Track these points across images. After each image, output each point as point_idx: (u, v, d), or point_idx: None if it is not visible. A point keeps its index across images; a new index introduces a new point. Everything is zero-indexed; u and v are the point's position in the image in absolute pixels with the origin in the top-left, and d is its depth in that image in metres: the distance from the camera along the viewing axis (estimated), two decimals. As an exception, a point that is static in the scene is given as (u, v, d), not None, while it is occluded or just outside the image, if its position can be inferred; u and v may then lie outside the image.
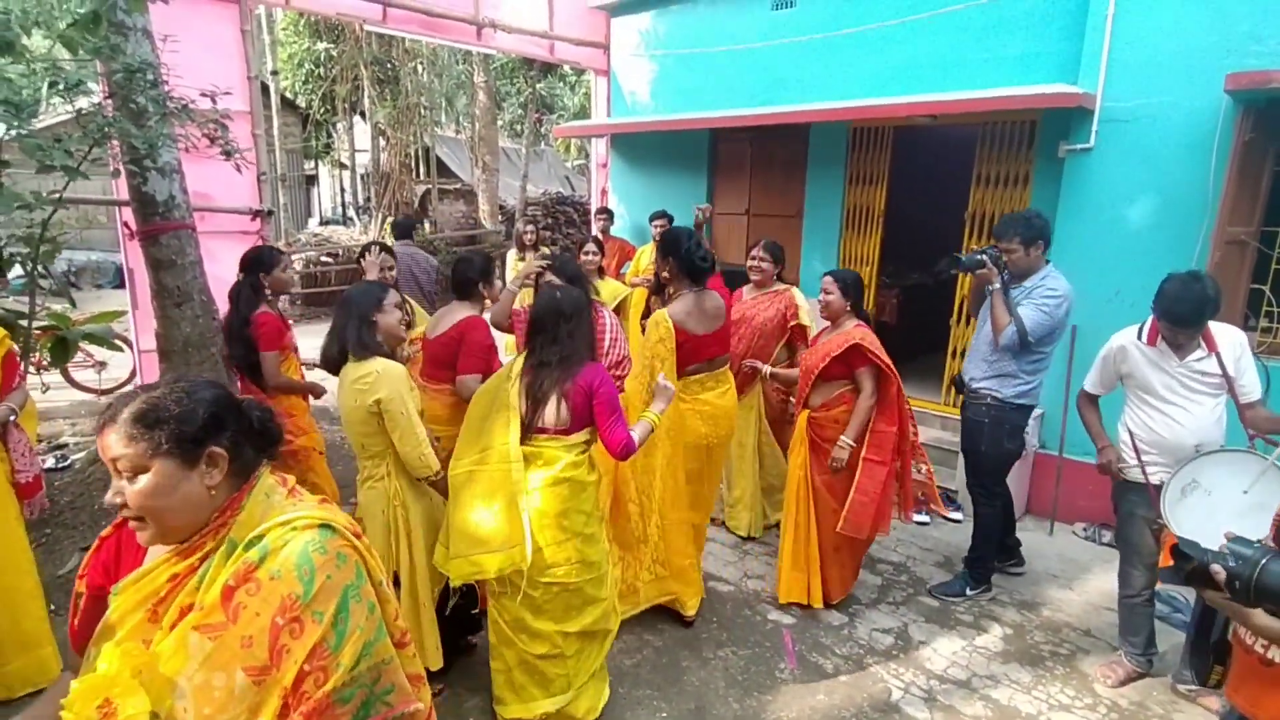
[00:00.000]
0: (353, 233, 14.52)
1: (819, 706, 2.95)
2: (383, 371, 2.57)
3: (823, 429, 3.51)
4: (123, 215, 5.04)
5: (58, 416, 6.18)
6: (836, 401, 3.48)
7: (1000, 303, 3.42)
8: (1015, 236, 3.40)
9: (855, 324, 3.49)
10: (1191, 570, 1.55)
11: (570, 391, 2.53)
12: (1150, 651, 3.13)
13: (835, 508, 3.47)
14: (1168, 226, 4.08)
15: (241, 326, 3.45)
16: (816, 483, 3.54)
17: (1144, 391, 2.94)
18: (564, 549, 2.55)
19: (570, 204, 15.28)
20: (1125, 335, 3.01)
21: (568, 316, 2.60)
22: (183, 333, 4.66)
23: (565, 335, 2.58)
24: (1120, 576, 3.15)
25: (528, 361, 2.61)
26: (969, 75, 4.90)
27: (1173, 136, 4.04)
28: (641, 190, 7.21)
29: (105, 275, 13.58)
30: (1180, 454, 2.75)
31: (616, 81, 7.35)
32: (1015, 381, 3.48)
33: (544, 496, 2.53)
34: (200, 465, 1.20)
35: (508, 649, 2.66)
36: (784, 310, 4.08)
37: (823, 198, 5.86)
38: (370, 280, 2.95)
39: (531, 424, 2.55)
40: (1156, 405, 2.90)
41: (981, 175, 4.96)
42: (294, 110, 17.10)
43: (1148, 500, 2.91)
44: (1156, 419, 2.90)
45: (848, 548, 3.59)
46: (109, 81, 4.03)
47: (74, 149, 3.53)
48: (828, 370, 3.44)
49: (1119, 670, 3.13)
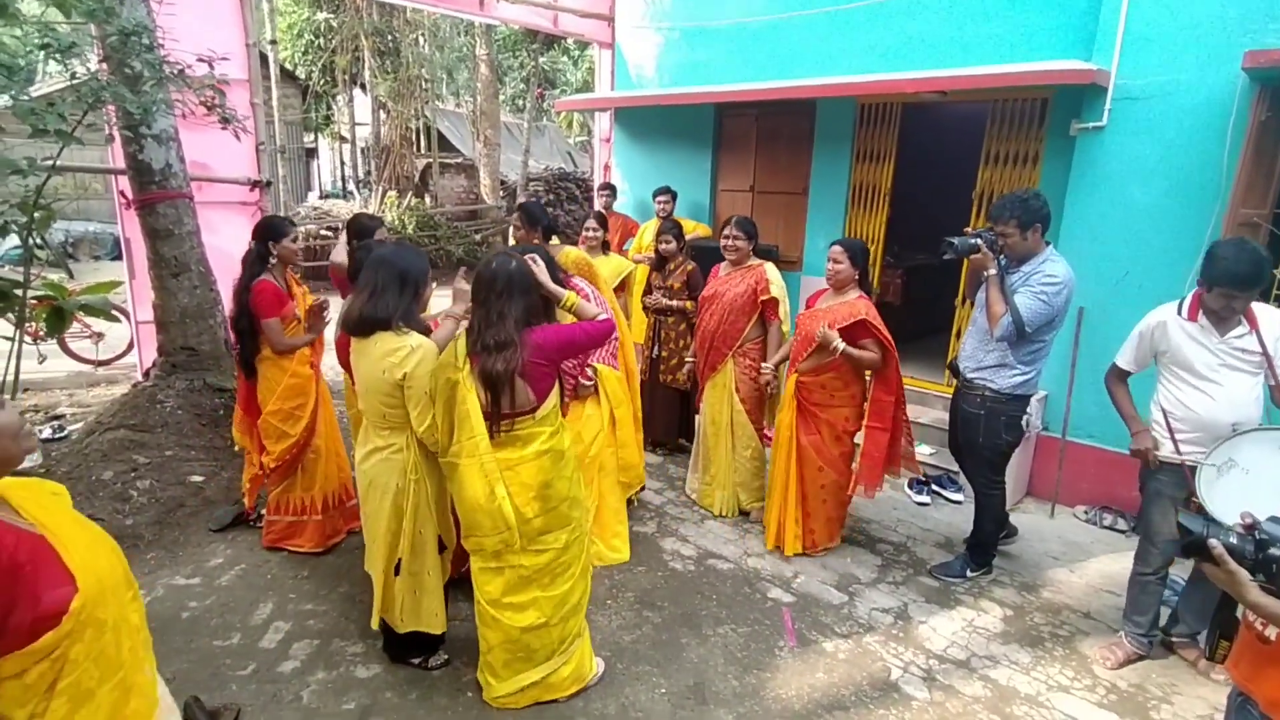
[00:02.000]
0: (353, 206, 14.41)
1: (818, 684, 2.95)
2: (419, 347, 2.54)
3: (810, 393, 3.73)
4: (119, 184, 4.98)
5: (55, 387, 6.16)
6: (826, 368, 3.67)
7: (996, 290, 3.29)
8: (1012, 219, 3.23)
9: (858, 294, 3.61)
10: (1189, 543, 1.55)
11: (527, 371, 2.41)
12: (1152, 634, 3.12)
13: (820, 465, 3.76)
14: (1179, 207, 4.02)
15: (243, 292, 3.50)
16: (803, 442, 3.77)
17: (1181, 369, 2.86)
18: (554, 516, 2.55)
19: (572, 180, 15.17)
20: (1165, 311, 2.93)
21: (499, 291, 2.44)
22: (180, 303, 4.64)
23: (496, 315, 2.42)
24: (1138, 554, 3.12)
25: (469, 342, 2.48)
26: (980, 51, 4.80)
27: (1187, 115, 3.96)
28: (645, 166, 7.13)
29: (103, 246, 13.49)
30: (1216, 432, 2.69)
31: (621, 54, 7.23)
32: (1011, 372, 3.36)
33: (527, 471, 2.50)
34: None
35: (490, 629, 2.65)
36: (754, 285, 4.03)
37: (828, 175, 5.79)
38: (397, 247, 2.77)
39: (497, 412, 2.45)
40: (1194, 383, 2.82)
41: (991, 154, 4.88)
42: (294, 81, 16.90)
43: (1178, 480, 2.85)
44: (1194, 397, 2.82)
45: (833, 500, 3.85)
46: (103, 45, 3.95)
47: (68, 113, 3.47)
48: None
49: (1118, 652, 3.12)
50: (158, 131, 4.30)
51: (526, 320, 2.48)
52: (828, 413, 3.74)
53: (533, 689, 2.71)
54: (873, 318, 3.51)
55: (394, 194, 13.36)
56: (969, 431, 3.58)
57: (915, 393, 5.42)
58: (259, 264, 3.53)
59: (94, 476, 4.05)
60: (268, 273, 3.54)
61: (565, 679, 2.76)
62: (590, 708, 2.77)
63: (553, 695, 2.76)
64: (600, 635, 3.15)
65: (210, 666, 2.93)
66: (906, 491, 4.71)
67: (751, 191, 6.44)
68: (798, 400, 3.75)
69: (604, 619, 3.30)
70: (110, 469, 4.11)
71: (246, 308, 3.49)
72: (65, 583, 1.41)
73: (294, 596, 3.42)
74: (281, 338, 3.55)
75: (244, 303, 3.50)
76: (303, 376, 3.64)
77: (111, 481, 4.04)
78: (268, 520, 3.79)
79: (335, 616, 3.26)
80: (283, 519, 3.75)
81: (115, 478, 4.06)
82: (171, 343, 4.76)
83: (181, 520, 3.96)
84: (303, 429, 3.63)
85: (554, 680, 2.73)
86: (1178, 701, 2.91)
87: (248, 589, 3.47)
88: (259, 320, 3.49)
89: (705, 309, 4.22)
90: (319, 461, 3.74)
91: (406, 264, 2.63)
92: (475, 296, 2.49)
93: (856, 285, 3.64)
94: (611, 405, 3.71)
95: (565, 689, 2.78)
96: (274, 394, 3.58)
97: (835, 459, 3.80)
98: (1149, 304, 4.14)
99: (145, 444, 4.32)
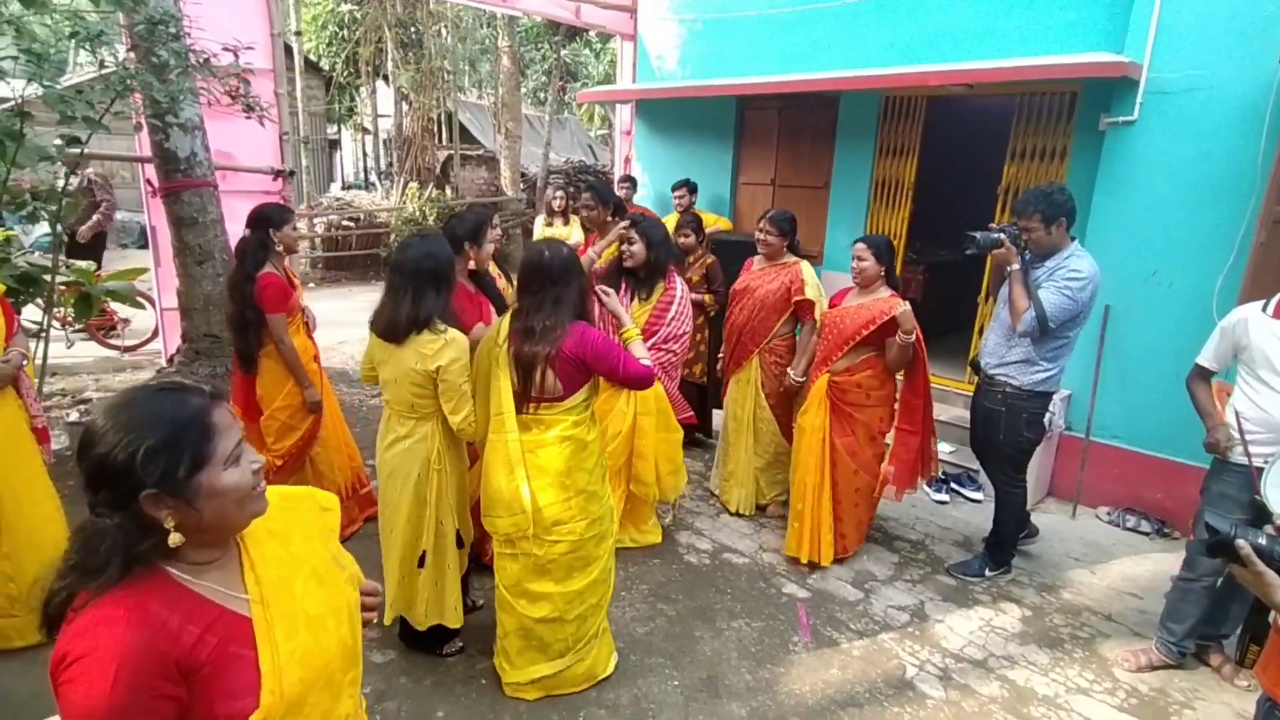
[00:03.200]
0: (374, 198, 14.51)
1: (832, 680, 2.93)
2: (453, 341, 2.55)
3: (845, 393, 3.59)
4: (145, 173, 5.04)
5: (82, 372, 6.26)
6: (862, 366, 3.57)
7: (1019, 286, 3.24)
8: (1036, 214, 3.18)
9: (889, 292, 3.54)
10: (1216, 543, 1.51)
11: (557, 361, 2.43)
12: (1184, 645, 3.01)
13: (855, 469, 3.63)
14: (1211, 205, 3.93)
15: (245, 283, 3.32)
16: (837, 444, 3.62)
17: (1259, 367, 2.76)
18: (569, 506, 2.54)
19: (592, 172, 15.14)
20: (1249, 308, 2.83)
21: (554, 279, 2.46)
22: (204, 290, 4.69)
23: (550, 301, 2.44)
24: (1186, 559, 3.02)
25: (514, 324, 2.50)
26: (1007, 43, 4.72)
27: (1221, 110, 3.87)
28: (666, 159, 7.10)
29: (131, 235, 13.66)
30: None
31: (643, 46, 7.20)
32: (1034, 369, 3.31)
33: (547, 456, 2.51)
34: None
35: (506, 615, 2.66)
36: (788, 284, 3.96)
37: (851, 169, 5.73)
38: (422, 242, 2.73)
39: (525, 393, 2.48)
40: (1270, 383, 2.72)
41: (1017, 149, 4.81)
42: (318, 73, 17.02)
43: (1242, 483, 2.76)
44: (1270, 398, 2.71)
45: (864, 503, 3.76)
46: (131, 34, 4.00)
47: (96, 101, 3.51)
48: (865, 338, 3.49)
49: (1143, 657, 3.06)
50: (183, 120, 4.35)
51: (574, 312, 2.50)
52: (864, 413, 3.61)
53: (545, 681, 2.72)
54: (910, 318, 3.36)
55: (415, 185, 13.40)
56: (990, 429, 3.53)
57: (937, 390, 5.32)
58: (260, 253, 3.35)
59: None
60: (271, 264, 3.38)
61: (578, 676, 2.77)
62: (603, 698, 2.78)
63: (565, 689, 2.77)
64: (614, 626, 3.15)
65: (229, 649, 2.96)
66: (925, 489, 4.66)
67: (773, 185, 6.40)
68: (831, 401, 3.61)
69: (618, 610, 3.30)
70: (134, 453, 4.16)
71: (250, 300, 3.31)
72: (246, 693, 1.10)
73: (312, 582, 3.45)
74: (286, 336, 3.41)
75: (247, 295, 3.31)
76: (309, 371, 3.59)
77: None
78: None
79: (352, 602, 3.28)
80: None
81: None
82: (195, 329, 4.82)
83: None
84: (310, 422, 3.59)
85: (566, 676, 2.74)
86: (1200, 708, 2.86)
87: (267, 573, 3.50)
88: (264, 314, 3.34)
89: (735, 303, 4.16)
90: (326, 454, 3.72)
91: (436, 261, 2.60)
92: (526, 284, 2.50)
93: (884, 282, 3.56)
94: (637, 410, 3.59)
95: (577, 685, 2.78)
96: (281, 389, 3.48)
97: (869, 460, 3.68)
98: (1178, 303, 4.09)
99: (168, 429, 4.37)
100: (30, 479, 2.81)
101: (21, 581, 2.81)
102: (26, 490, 2.80)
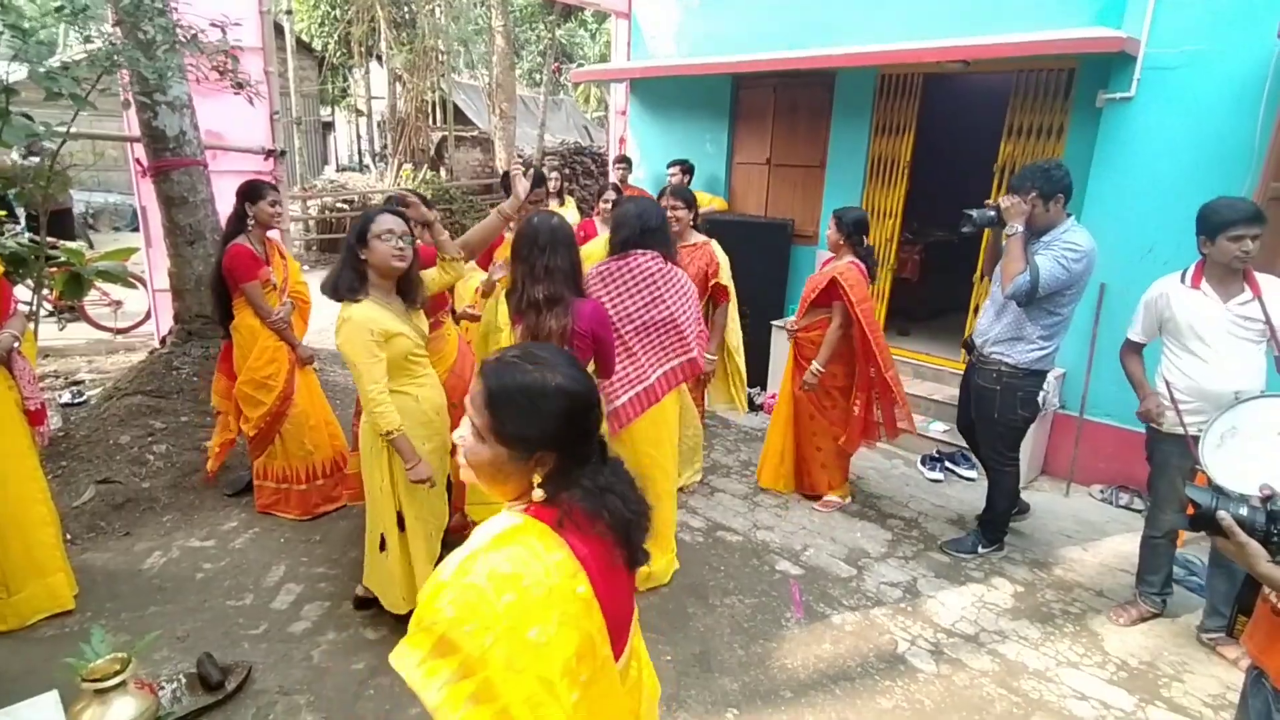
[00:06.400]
0: (368, 180, 14.42)
1: (824, 655, 2.95)
2: (349, 319, 2.48)
3: (802, 348, 4.07)
4: (134, 153, 4.99)
5: (74, 354, 6.23)
6: (815, 326, 3.99)
7: (1018, 249, 3.23)
8: (1033, 190, 3.19)
9: (849, 260, 3.85)
10: (1198, 516, 1.52)
11: (573, 336, 2.44)
12: (1165, 592, 3.18)
13: (813, 413, 4.09)
14: (1208, 181, 3.90)
15: (220, 254, 3.54)
16: (797, 393, 4.10)
17: (1184, 337, 2.88)
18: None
19: (588, 154, 15.03)
20: (1168, 281, 2.96)
21: (542, 246, 2.44)
22: (195, 271, 4.66)
23: (542, 270, 2.42)
24: (1148, 519, 3.18)
25: (517, 302, 2.47)
26: (1004, 19, 4.66)
27: (1219, 85, 3.84)
28: (661, 139, 7.04)
29: (123, 218, 13.56)
30: (1219, 401, 2.65)
31: (637, 24, 7.11)
32: (1028, 346, 3.32)
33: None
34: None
35: None
36: (704, 267, 3.89)
37: (847, 148, 5.69)
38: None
39: None
40: (1196, 351, 2.85)
41: (1013, 126, 4.77)
42: (310, 54, 16.84)
43: (1182, 450, 2.87)
44: (1195, 366, 2.85)
45: (828, 451, 4.10)
46: (117, 9, 3.94)
47: (82, 78, 3.47)
48: (815, 299, 3.93)
49: (1132, 611, 3.19)
50: (172, 98, 4.30)
51: (569, 284, 2.47)
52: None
53: None
54: (845, 280, 3.72)
55: (409, 167, 13.32)
56: (983, 407, 3.53)
57: (932, 370, 5.37)
58: (236, 225, 3.55)
59: (112, 440, 4.10)
60: (244, 236, 3.53)
61: None
62: (596, 673, 2.79)
63: None
64: (608, 603, 3.16)
65: (223, 626, 2.97)
66: (919, 468, 4.67)
67: (768, 164, 6.35)
68: (794, 355, 4.12)
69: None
70: (128, 433, 4.16)
71: (220, 270, 3.52)
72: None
73: (306, 560, 3.46)
74: (264, 302, 3.56)
75: (219, 265, 3.53)
76: (274, 345, 3.62)
77: (129, 445, 4.09)
78: (257, 486, 3.82)
79: (346, 580, 3.29)
80: (268, 485, 3.79)
81: (132, 442, 4.11)
82: (187, 310, 4.79)
83: (197, 484, 4.01)
84: (275, 397, 3.61)
85: None
86: (1189, 680, 2.88)
87: (260, 551, 3.51)
88: (233, 285, 3.52)
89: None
90: (298, 432, 3.71)
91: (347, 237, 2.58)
92: (517, 253, 2.47)
93: (849, 250, 3.85)
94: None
95: None
96: (245, 360, 3.59)
97: (826, 409, 4.05)
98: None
99: (161, 409, 4.37)
100: (17, 458, 2.80)
101: (6, 563, 2.80)
102: (13, 470, 2.78)
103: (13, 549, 2.80)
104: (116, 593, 3.15)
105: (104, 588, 3.17)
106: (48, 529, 2.91)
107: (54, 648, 2.74)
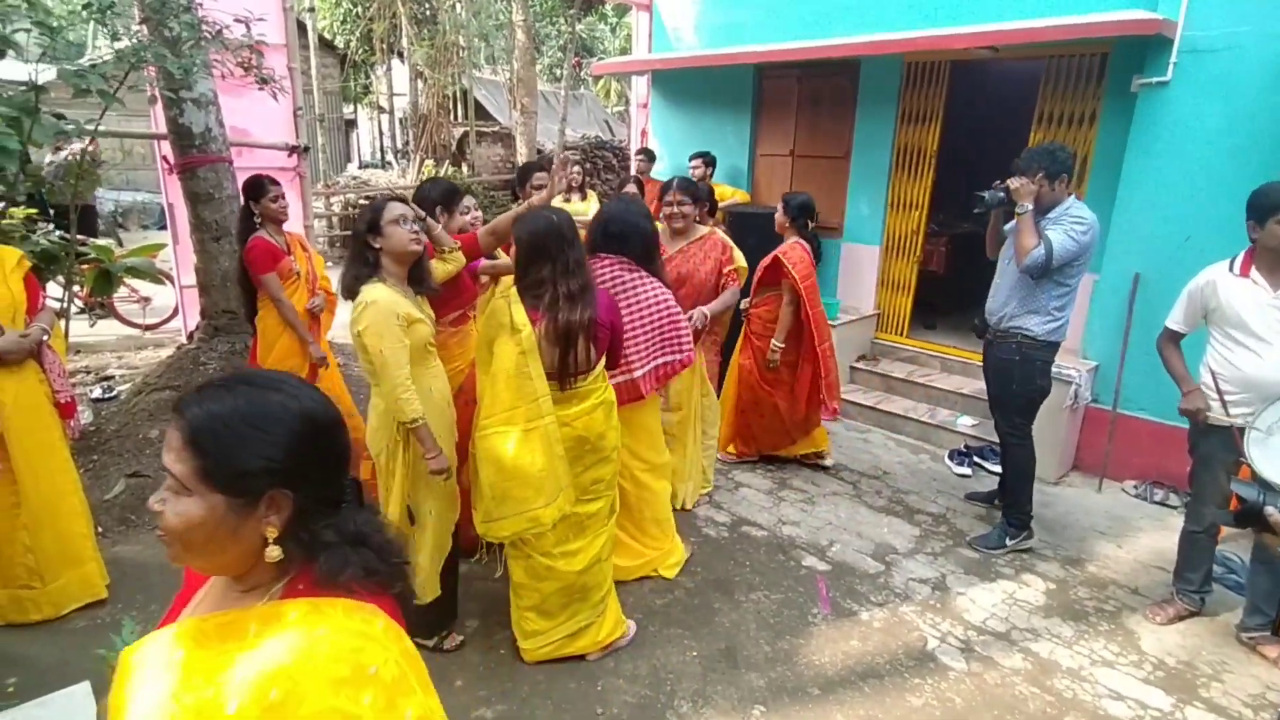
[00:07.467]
0: (391, 176, 14.50)
1: (852, 652, 2.91)
2: (372, 304, 2.44)
3: (751, 323, 4.33)
4: (161, 150, 5.04)
5: (104, 350, 6.33)
6: (763, 302, 4.24)
7: (1029, 225, 3.30)
8: (1039, 171, 3.30)
9: (794, 240, 4.09)
10: (1244, 511, 1.47)
11: (595, 332, 2.47)
12: (1205, 590, 3.11)
13: (751, 384, 4.34)
14: (1247, 168, 3.79)
15: (240, 252, 3.64)
16: (743, 363, 4.38)
17: (1232, 327, 2.81)
18: (608, 466, 2.63)
19: (609, 149, 14.99)
20: (1215, 270, 2.89)
21: (570, 240, 2.46)
22: (221, 267, 4.70)
23: (573, 263, 2.43)
24: (1189, 513, 3.10)
25: (549, 299, 2.42)
26: (1034, 3, 4.56)
27: (1258, 69, 3.71)
28: (683, 131, 6.99)
29: (151, 216, 13.76)
30: (1267, 393, 2.59)
31: (659, 15, 7.06)
32: (1044, 318, 3.39)
33: (585, 424, 2.55)
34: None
35: (543, 582, 2.64)
36: (719, 260, 3.76)
37: (872, 138, 5.60)
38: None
39: (565, 371, 2.47)
40: (1244, 341, 2.77)
41: (1044, 114, 4.66)
42: (332, 51, 16.96)
43: (1227, 443, 2.79)
44: (1243, 356, 2.77)
45: (770, 418, 4.36)
46: (142, 7, 3.97)
47: (109, 75, 3.50)
48: (762, 277, 4.17)
49: (1169, 610, 3.12)
50: (197, 95, 4.32)
51: (586, 268, 2.53)
52: (761, 341, 4.23)
53: (567, 641, 2.74)
54: (788, 259, 4.00)
55: (431, 163, 13.38)
56: (1003, 378, 3.58)
57: (959, 363, 5.28)
58: (246, 221, 3.67)
59: (141, 435, 4.15)
60: (262, 230, 3.63)
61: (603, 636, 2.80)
62: (621, 668, 2.77)
63: (581, 647, 2.77)
64: (632, 598, 3.15)
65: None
66: (947, 463, 4.60)
67: (791, 156, 6.28)
68: (746, 330, 4.38)
69: (636, 582, 3.29)
70: (156, 428, 4.20)
71: (242, 264, 3.63)
72: None
73: (332, 553, 3.48)
74: (282, 294, 3.60)
75: (240, 260, 3.64)
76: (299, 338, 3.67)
77: (158, 440, 4.14)
78: None
79: (371, 574, 3.29)
80: None
81: (161, 436, 4.14)
82: (213, 306, 4.83)
83: (224, 478, 4.04)
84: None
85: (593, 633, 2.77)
86: (1228, 680, 2.80)
87: (287, 545, 3.54)
88: (253, 277, 3.59)
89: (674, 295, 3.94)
90: None
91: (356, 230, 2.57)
92: (541, 253, 2.45)
93: (794, 231, 4.12)
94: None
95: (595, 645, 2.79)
96: (270, 352, 3.63)
97: (770, 379, 4.26)
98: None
99: (189, 404, 4.41)
100: (49, 451, 2.84)
101: (40, 553, 2.84)
102: (44, 462, 2.82)
103: (45, 539, 2.83)
104: (147, 585, 3.19)
105: (134, 580, 3.21)
106: (79, 520, 2.95)
107: (86, 639, 2.78)
